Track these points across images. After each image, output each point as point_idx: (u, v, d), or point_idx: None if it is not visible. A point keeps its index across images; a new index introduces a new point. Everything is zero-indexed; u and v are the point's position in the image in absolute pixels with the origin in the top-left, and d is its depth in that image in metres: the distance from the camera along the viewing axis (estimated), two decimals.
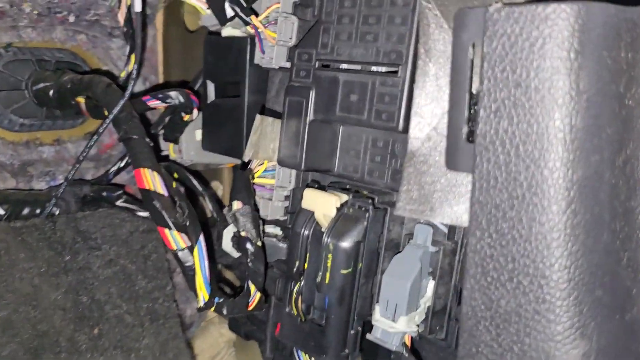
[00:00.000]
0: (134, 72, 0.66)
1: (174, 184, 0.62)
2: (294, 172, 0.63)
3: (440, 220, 0.44)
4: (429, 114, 0.45)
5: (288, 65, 0.63)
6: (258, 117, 0.56)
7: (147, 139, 0.64)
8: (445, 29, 0.43)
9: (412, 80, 0.49)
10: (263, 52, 0.63)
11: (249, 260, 0.57)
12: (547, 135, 0.38)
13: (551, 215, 0.38)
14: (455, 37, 0.42)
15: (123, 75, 0.78)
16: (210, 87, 0.72)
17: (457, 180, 0.44)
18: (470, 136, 0.43)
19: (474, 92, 0.42)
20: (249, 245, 0.57)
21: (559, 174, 0.37)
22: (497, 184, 0.40)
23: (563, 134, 0.37)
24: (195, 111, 0.71)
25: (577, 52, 0.36)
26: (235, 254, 0.65)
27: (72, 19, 0.76)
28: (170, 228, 0.58)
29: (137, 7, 0.64)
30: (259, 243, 0.57)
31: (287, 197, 0.64)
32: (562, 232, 0.38)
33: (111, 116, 0.65)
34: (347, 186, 0.58)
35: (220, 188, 0.84)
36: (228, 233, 0.66)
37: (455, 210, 0.44)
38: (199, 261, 0.57)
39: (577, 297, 0.38)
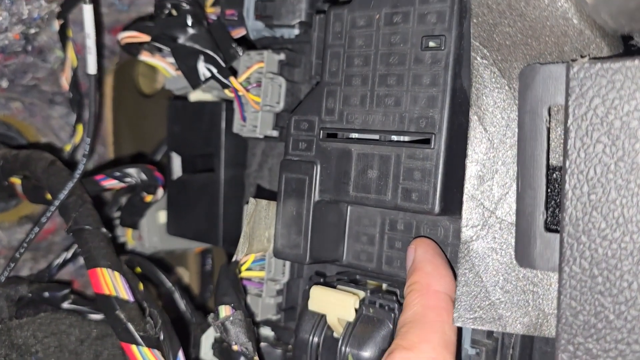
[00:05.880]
0: (86, 147, 0.54)
1: (141, 285, 0.50)
2: (287, 261, 0.52)
3: (513, 331, 0.35)
4: (486, 196, 0.36)
5: (275, 134, 0.53)
6: (252, 200, 0.46)
7: (104, 230, 0.52)
8: (506, 90, 0.34)
9: (449, 153, 0.40)
10: (244, 119, 0.53)
11: None
12: None
13: None
14: (522, 100, 0.33)
15: (68, 148, 0.66)
16: (176, 161, 0.61)
17: (531, 278, 0.35)
18: (552, 224, 0.33)
19: (553, 167, 0.34)
20: None
21: None
22: (596, 286, 0.31)
23: None
24: (160, 190, 0.59)
25: None
26: None
27: (4, 84, 0.64)
28: (138, 344, 0.46)
29: (91, 69, 0.53)
30: (256, 358, 0.46)
31: (279, 292, 0.53)
32: None
33: (57, 202, 0.53)
34: (357, 276, 0.48)
35: (187, 275, 0.71)
36: (207, 339, 0.54)
37: (532, 317, 0.34)
38: None
39: None
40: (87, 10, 0.51)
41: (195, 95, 0.60)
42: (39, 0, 0.55)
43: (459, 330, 0.40)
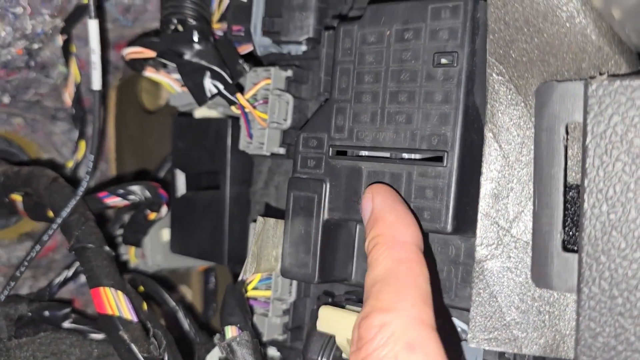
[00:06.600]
0: (89, 164, 0.54)
1: (144, 305, 0.49)
2: (294, 280, 0.51)
3: (529, 353, 0.34)
4: (501, 215, 0.35)
5: (281, 151, 0.53)
6: (260, 219, 0.45)
7: (107, 248, 0.51)
8: (522, 107, 0.34)
9: (462, 170, 0.39)
10: (251, 136, 0.53)
11: None
12: None
13: None
14: (539, 118, 0.33)
15: (70, 165, 0.65)
16: (180, 178, 0.61)
17: (547, 298, 0.34)
18: (569, 243, 0.33)
19: (569, 185, 0.33)
20: None
21: None
22: (616, 307, 0.30)
23: None
24: (164, 208, 0.58)
25: None
26: None
27: (6, 99, 0.63)
28: None
29: (96, 85, 0.52)
30: None
31: (286, 312, 0.52)
32: None
33: (59, 220, 0.52)
34: None
35: (189, 294, 0.70)
36: (212, 359, 0.53)
37: (548, 338, 0.33)
38: None
39: None
40: (92, 25, 0.50)
41: (201, 112, 0.60)
42: (43, 15, 0.55)
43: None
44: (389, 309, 0.33)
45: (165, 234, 0.63)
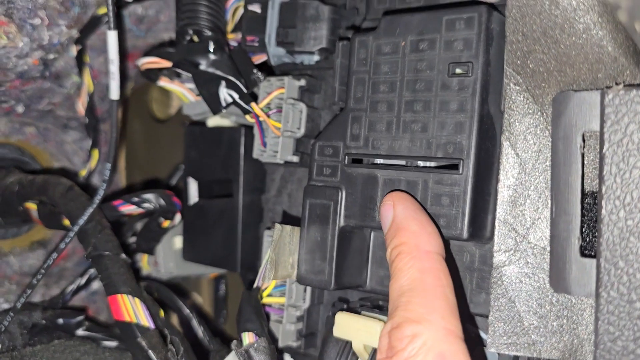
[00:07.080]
0: (106, 173, 0.54)
1: (161, 312, 0.50)
2: (308, 287, 0.52)
3: (548, 357, 0.34)
4: (518, 221, 0.36)
5: (295, 159, 0.54)
6: (277, 226, 0.45)
7: (123, 255, 0.52)
8: (538, 116, 0.34)
9: (477, 178, 0.40)
10: (264, 144, 0.53)
11: None
12: None
13: None
14: (556, 126, 0.33)
15: (84, 173, 0.66)
16: (193, 186, 0.61)
17: (564, 303, 0.34)
18: (586, 249, 0.33)
19: (585, 192, 0.34)
20: None
21: None
22: (634, 311, 0.31)
23: None
24: (178, 216, 0.59)
25: None
26: None
27: (20, 109, 0.64)
28: None
29: (114, 95, 0.53)
30: None
31: (300, 319, 0.52)
32: None
33: (76, 228, 0.52)
34: (380, 302, 0.48)
35: (200, 301, 0.71)
36: None
37: (566, 342, 0.34)
38: None
39: None
40: (112, 37, 0.51)
41: (214, 121, 0.60)
42: (60, 26, 0.56)
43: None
44: (420, 320, 0.33)
45: (178, 242, 0.63)
